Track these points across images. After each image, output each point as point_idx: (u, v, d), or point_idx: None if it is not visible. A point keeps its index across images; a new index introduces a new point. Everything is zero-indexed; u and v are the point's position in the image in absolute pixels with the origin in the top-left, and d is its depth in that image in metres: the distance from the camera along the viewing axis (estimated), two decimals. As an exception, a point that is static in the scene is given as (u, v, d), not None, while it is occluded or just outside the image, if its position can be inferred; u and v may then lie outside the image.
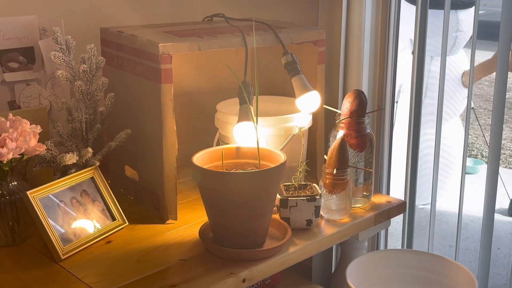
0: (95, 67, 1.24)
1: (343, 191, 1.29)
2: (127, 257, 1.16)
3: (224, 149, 1.22)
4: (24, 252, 1.17)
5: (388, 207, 1.40)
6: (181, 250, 1.18)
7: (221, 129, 1.38)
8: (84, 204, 1.22)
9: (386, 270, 1.42)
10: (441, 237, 2.54)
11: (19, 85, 1.42)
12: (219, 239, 1.16)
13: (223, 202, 1.13)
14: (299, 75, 1.34)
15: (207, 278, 1.08)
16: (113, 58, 1.35)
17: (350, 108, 1.34)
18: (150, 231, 1.26)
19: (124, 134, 1.28)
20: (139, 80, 1.28)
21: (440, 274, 1.38)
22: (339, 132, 1.35)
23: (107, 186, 1.27)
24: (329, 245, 1.31)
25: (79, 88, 1.23)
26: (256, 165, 1.20)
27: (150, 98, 1.25)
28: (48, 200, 1.16)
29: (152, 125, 1.26)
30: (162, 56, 1.19)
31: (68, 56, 1.24)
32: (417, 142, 1.66)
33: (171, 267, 1.12)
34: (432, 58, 2.50)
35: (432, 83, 2.37)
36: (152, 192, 1.32)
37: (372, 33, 1.57)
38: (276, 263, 1.16)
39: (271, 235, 1.22)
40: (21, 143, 1.13)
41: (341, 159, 1.28)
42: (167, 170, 1.26)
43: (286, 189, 1.28)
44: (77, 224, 1.19)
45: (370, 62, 1.59)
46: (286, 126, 1.34)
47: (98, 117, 1.27)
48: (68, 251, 1.14)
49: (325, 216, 1.31)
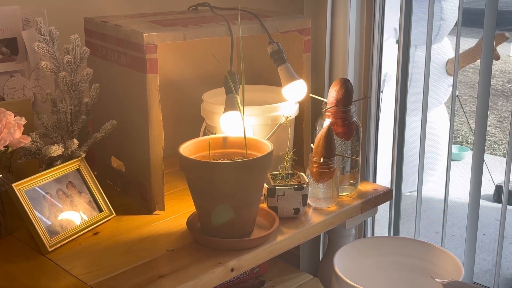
0: (79, 58, 1.23)
1: (330, 179, 1.30)
2: (114, 248, 1.15)
3: (211, 139, 1.22)
4: (10, 245, 1.16)
5: (375, 195, 1.41)
6: (169, 241, 1.18)
7: (208, 119, 1.38)
8: (71, 196, 1.22)
9: (373, 258, 1.43)
10: (427, 223, 2.57)
11: (3, 77, 1.40)
12: (207, 229, 1.16)
13: (210, 192, 1.13)
14: (285, 64, 1.34)
15: (195, 268, 1.09)
16: (97, 48, 1.34)
17: (336, 97, 1.34)
18: (137, 222, 1.25)
19: (110, 125, 1.27)
20: (124, 70, 1.27)
21: (426, 261, 1.39)
22: (325, 121, 1.36)
23: (94, 178, 1.26)
24: (317, 233, 1.31)
25: (64, 79, 1.22)
26: (243, 154, 1.20)
27: (135, 89, 1.24)
28: (34, 192, 1.15)
29: (138, 116, 1.26)
30: (147, 46, 1.19)
31: (52, 47, 1.23)
32: (403, 130, 1.67)
33: (159, 258, 1.12)
34: (416, 47, 2.51)
35: (416, 72, 2.38)
36: (139, 183, 1.32)
37: (358, 22, 1.57)
38: (264, 252, 1.16)
39: (258, 224, 1.22)
40: (5, 135, 1.11)
41: (328, 147, 1.28)
42: (153, 160, 1.25)
43: (274, 178, 1.28)
44: (64, 216, 1.18)
45: (356, 50, 1.59)
46: (272, 115, 1.34)
47: (83, 108, 1.26)
48: (55, 243, 1.14)
49: (312, 204, 1.32)
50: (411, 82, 1.72)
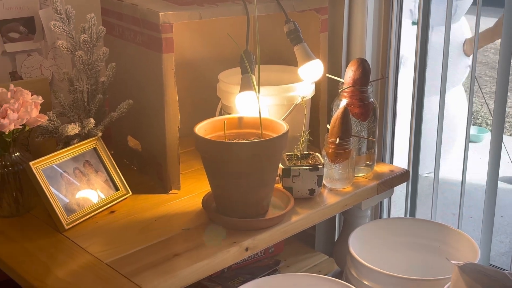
0: (95, 37, 1.23)
1: (345, 160, 1.29)
2: (130, 227, 1.16)
3: (226, 119, 1.21)
4: (28, 223, 1.18)
5: (391, 176, 1.40)
6: (185, 220, 1.18)
7: (223, 99, 1.38)
8: (87, 175, 1.22)
9: (388, 239, 1.42)
10: (444, 205, 2.55)
11: (20, 56, 1.41)
12: (222, 208, 1.17)
13: (225, 172, 1.13)
14: (301, 44, 1.32)
15: (210, 247, 1.09)
16: (113, 27, 1.34)
17: (353, 77, 1.33)
18: (153, 201, 1.26)
19: (126, 105, 1.28)
20: (140, 49, 1.26)
21: (442, 243, 1.38)
22: (342, 101, 1.34)
23: (110, 157, 1.27)
24: (332, 214, 1.31)
25: (80, 58, 1.22)
26: (259, 135, 1.19)
27: (151, 68, 1.24)
28: (51, 170, 1.16)
29: (154, 95, 1.26)
30: (162, 25, 1.18)
31: (68, 26, 1.23)
32: (421, 111, 1.65)
33: (174, 237, 1.13)
34: (433, 28, 2.47)
35: (433, 53, 2.34)
36: (155, 162, 1.32)
37: (376, 1, 1.55)
38: (278, 232, 1.16)
39: (273, 204, 1.22)
40: (22, 114, 1.12)
41: (344, 128, 1.27)
42: (169, 140, 1.26)
43: (289, 159, 1.28)
44: (81, 195, 1.19)
45: (374, 30, 1.56)
46: (288, 95, 1.33)
47: (99, 87, 1.27)
48: (72, 221, 1.15)
49: (327, 185, 1.31)
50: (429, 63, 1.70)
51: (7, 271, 1.06)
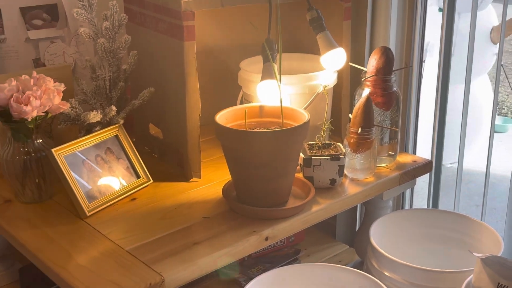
0: (117, 24, 1.23)
1: (368, 150, 1.28)
2: (151, 215, 1.16)
3: (247, 107, 1.21)
4: (50, 209, 1.19)
5: (414, 167, 1.38)
6: (205, 208, 1.18)
7: (245, 87, 1.37)
8: (109, 162, 1.23)
9: (410, 230, 1.41)
10: (467, 196, 2.52)
11: (43, 43, 1.42)
12: (242, 197, 1.16)
13: (246, 161, 1.12)
14: (324, 32, 1.31)
15: (230, 235, 1.09)
16: (135, 15, 1.33)
17: (376, 66, 1.31)
18: (174, 189, 1.26)
19: (148, 93, 1.28)
20: (161, 37, 1.26)
21: (465, 234, 1.37)
22: (364, 90, 1.33)
23: (131, 144, 1.27)
24: (353, 205, 1.30)
25: (102, 46, 1.22)
26: (280, 124, 1.19)
27: (173, 56, 1.24)
28: (73, 157, 1.17)
29: (175, 83, 1.25)
30: (184, 12, 1.17)
31: (91, 13, 1.23)
32: (445, 100, 1.63)
33: (194, 225, 1.13)
34: (460, 15, 2.42)
35: (460, 40, 2.30)
36: (176, 150, 1.32)
37: (401, -12, 1.52)
38: (299, 221, 1.16)
39: (294, 194, 1.21)
40: (45, 101, 1.13)
41: (367, 118, 1.26)
42: (190, 128, 1.25)
43: (310, 148, 1.27)
44: (102, 182, 1.20)
45: (398, 17, 1.54)
46: (310, 84, 1.32)
47: (121, 75, 1.27)
48: (93, 208, 1.16)
49: (349, 175, 1.30)
50: (454, 51, 1.67)
51: (29, 257, 1.07)
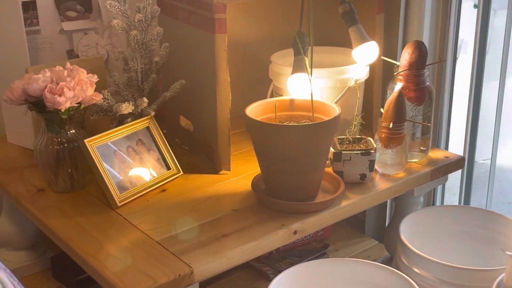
0: (150, 17, 1.24)
1: (399, 145, 1.26)
2: (181, 206, 1.17)
3: (278, 101, 1.20)
4: (82, 199, 1.21)
5: (446, 163, 1.36)
6: (234, 201, 1.19)
7: (275, 80, 1.36)
8: (140, 153, 1.24)
9: (441, 226, 1.39)
10: (500, 193, 2.47)
11: (77, 34, 1.43)
12: (272, 191, 1.16)
13: (276, 155, 1.12)
14: (356, 25, 1.30)
15: (258, 228, 1.09)
16: (168, 7, 1.34)
17: (409, 60, 1.30)
18: (203, 181, 1.27)
19: (179, 85, 1.28)
20: (193, 30, 1.26)
21: (497, 232, 1.34)
22: (397, 85, 1.31)
23: (162, 136, 1.28)
24: (383, 200, 1.29)
25: (135, 38, 1.23)
26: (310, 117, 1.18)
27: (204, 49, 1.24)
28: (105, 148, 1.18)
29: (206, 76, 1.26)
30: (216, 5, 1.17)
31: (124, 5, 1.24)
32: (479, 96, 1.60)
33: (223, 217, 1.13)
34: (496, 12, 2.37)
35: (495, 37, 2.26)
36: (206, 143, 1.33)
37: (436, -19, 1.50)
38: (328, 216, 1.16)
39: (323, 188, 1.21)
40: (78, 92, 1.14)
41: (398, 112, 1.24)
42: (220, 121, 1.26)
43: (340, 143, 1.26)
44: (133, 172, 1.21)
45: (432, 11, 1.52)
46: (341, 78, 1.31)
47: (153, 67, 1.28)
48: (124, 198, 1.17)
49: (379, 170, 1.29)
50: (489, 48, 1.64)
51: (61, 245, 1.09)
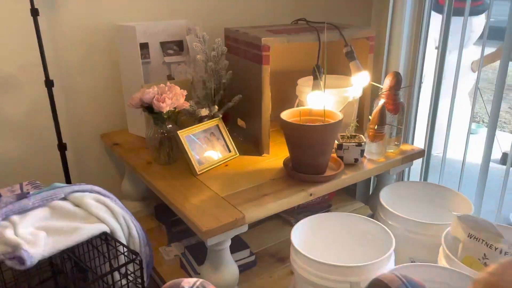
0: (220, 53, 1.26)
1: (381, 140, 1.25)
2: (237, 176, 1.18)
3: (301, 109, 1.21)
4: (175, 169, 1.22)
5: (412, 153, 1.34)
6: (271, 173, 1.19)
7: (300, 96, 1.37)
8: (212, 141, 1.26)
9: (407, 195, 1.37)
10: (448, 176, 2.41)
11: (174, 65, 1.46)
12: (296, 167, 1.17)
13: (299, 144, 1.13)
14: (355, 61, 1.29)
15: (287, 191, 1.10)
16: (232, 47, 1.36)
17: (389, 84, 1.28)
18: (252, 160, 1.27)
19: (237, 98, 1.30)
20: (248, 62, 1.28)
21: (445, 199, 1.32)
22: (380, 100, 1.30)
23: (226, 131, 1.29)
24: (369, 176, 1.28)
25: (210, 67, 1.25)
26: (323, 120, 1.18)
27: (254, 75, 1.25)
28: (190, 137, 1.21)
29: (255, 93, 1.27)
30: (263, 46, 1.18)
31: (204, 46, 1.26)
32: (436, 109, 1.57)
33: (264, 183, 1.14)
34: (450, 51, 2.31)
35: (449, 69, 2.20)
36: (254, 136, 1.34)
37: (408, 33, 1.47)
38: (332, 185, 1.15)
39: (330, 167, 1.21)
40: (174, 101, 1.17)
41: (381, 119, 1.23)
42: (264, 122, 1.27)
43: (342, 137, 1.26)
44: (207, 154, 1.23)
45: (406, 52, 1.50)
46: (344, 95, 1.31)
47: (221, 87, 1.29)
48: (201, 169, 1.19)
49: (367, 156, 1.28)
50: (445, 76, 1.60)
51: (162, 198, 1.12)
